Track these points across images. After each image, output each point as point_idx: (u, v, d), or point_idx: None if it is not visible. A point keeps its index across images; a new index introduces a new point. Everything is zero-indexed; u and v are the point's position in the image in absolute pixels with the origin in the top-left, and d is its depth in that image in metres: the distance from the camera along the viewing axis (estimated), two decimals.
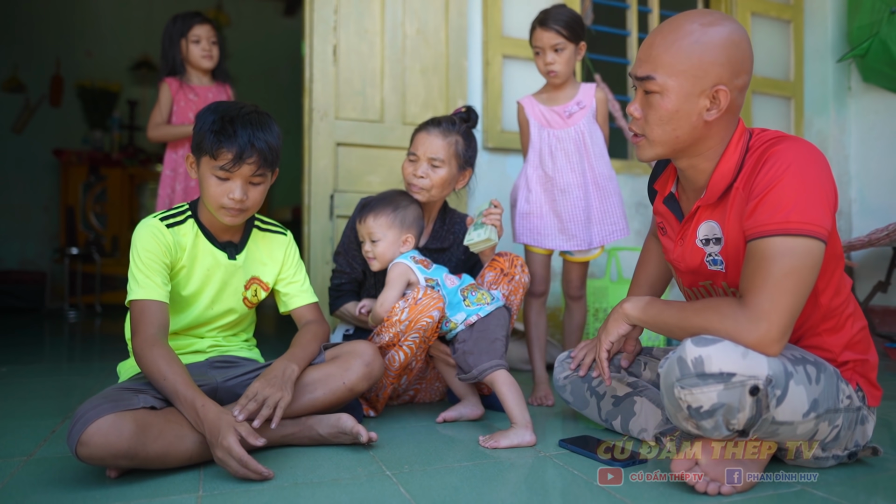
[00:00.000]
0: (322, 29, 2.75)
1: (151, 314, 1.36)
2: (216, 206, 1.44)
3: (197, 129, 1.44)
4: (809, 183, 1.11)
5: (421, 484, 1.19)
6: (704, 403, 1.08)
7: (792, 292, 1.08)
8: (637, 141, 1.30)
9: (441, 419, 1.69)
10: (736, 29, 1.19)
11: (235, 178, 1.42)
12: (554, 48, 2.02)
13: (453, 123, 1.86)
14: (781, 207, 1.10)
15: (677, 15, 1.24)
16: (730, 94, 1.18)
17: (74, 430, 1.13)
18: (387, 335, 1.65)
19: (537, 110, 2.12)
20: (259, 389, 1.30)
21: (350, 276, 1.93)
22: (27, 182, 5.94)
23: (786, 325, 1.08)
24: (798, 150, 1.15)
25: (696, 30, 1.17)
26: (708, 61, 1.17)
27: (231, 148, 1.38)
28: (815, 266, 1.10)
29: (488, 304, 1.66)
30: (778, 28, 3.78)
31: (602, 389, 1.56)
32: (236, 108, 1.44)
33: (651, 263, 1.63)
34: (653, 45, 1.21)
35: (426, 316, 1.59)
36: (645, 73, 1.22)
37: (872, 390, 1.28)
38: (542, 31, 2.02)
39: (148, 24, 6.48)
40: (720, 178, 1.24)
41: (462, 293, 1.69)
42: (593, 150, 2.07)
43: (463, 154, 1.85)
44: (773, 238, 1.10)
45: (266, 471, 1.18)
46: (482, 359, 1.58)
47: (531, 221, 2.10)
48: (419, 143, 1.83)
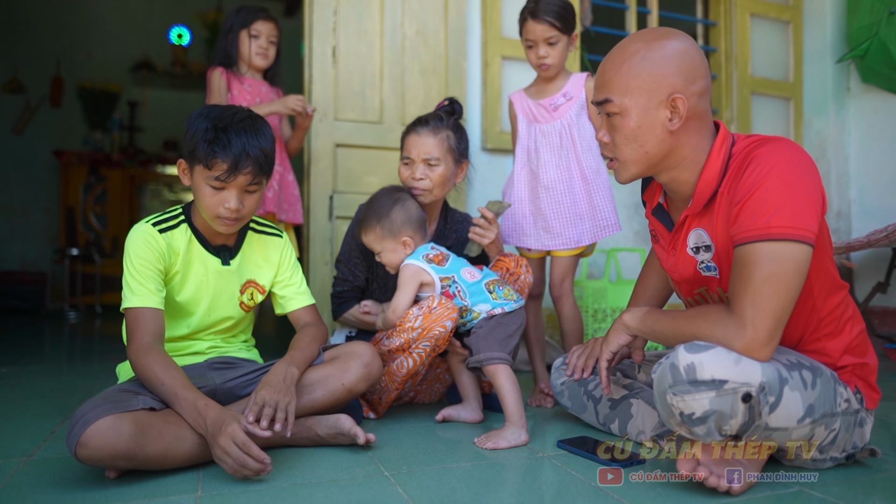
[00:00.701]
0: (321, 30, 2.75)
1: (146, 321, 1.36)
2: (212, 216, 1.43)
3: (189, 135, 1.40)
4: (793, 185, 1.11)
5: (419, 485, 1.19)
6: (696, 410, 1.08)
7: (774, 297, 1.08)
8: (611, 165, 1.33)
9: (440, 417, 1.70)
10: (681, 39, 1.22)
11: (231, 188, 1.39)
12: (547, 41, 1.97)
13: (441, 119, 1.83)
14: (763, 212, 1.10)
15: (623, 40, 1.28)
16: (687, 102, 1.19)
17: (74, 432, 1.13)
18: (397, 340, 1.64)
19: (526, 105, 2.09)
20: (267, 396, 1.28)
21: (352, 283, 1.91)
22: (27, 183, 5.94)
23: (771, 329, 1.08)
24: (781, 153, 1.15)
25: (642, 48, 1.21)
26: (657, 74, 1.19)
27: (226, 158, 1.36)
28: (799, 270, 1.09)
29: (514, 302, 1.65)
30: (777, 29, 3.79)
31: (599, 393, 1.57)
32: (229, 114, 1.41)
33: (651, 277, 1.63)
34: (605, 71, 1.26)
35: (440, 325, 1.58)
36: (602, 98, 1.25)
37: (871, 393, 1.28)
38: (534, 23, 1.96)
39: (148, 25, 6.49)
40: (705, 185, 1.24)
41: (487, 286, 1.66)
42: (580, 143, 2.01)
43: (456, 148, 1.84)
44: (756, 244, 1.10)
45: (266, 457, 1.17)
46: (493, 347, 1.58)
47: (514, 220, 2.08)
48: (411, 146, 1.81)
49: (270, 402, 1.27)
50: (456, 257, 1.74)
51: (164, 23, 6.55)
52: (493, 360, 1.56)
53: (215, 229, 1.47)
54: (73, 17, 6.23)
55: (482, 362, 1.57)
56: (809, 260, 1.10)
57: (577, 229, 2.00)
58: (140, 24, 6.47)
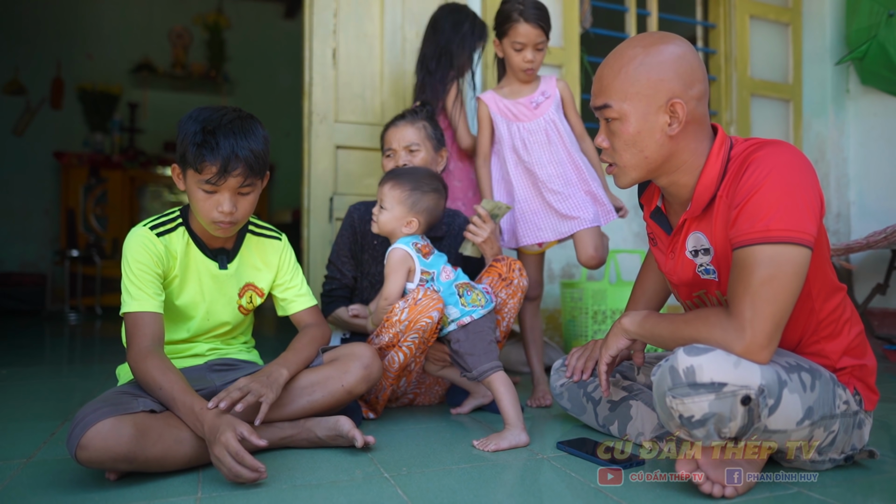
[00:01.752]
0: (322, 32, 2.76)
1: (144, 326, 1.36)
2: (207, 221, 1.42)
3: (179, 139, 1.39)
4: (791, 189, 1.11)
5: (419, 486, 1.19)
6: (696, 413, 1.08)
7: (773, 300, 1.08)
8: (611, 171, 1.33)
9: (465, 410, 1.82)
10: (678, 44, 1.22)
11: (223, 190, 1.38)
12: (537, 46, 2.00)
13: (415, 112, 1.97)
14: (762, 215, 1.11)
15: (620, 44, 1.28)
16: (686, 106, 1.20)
17: (74, 434, 1.13)
18: (386, 336, 1.65)
19: (502, 105, 2.08)
20: (242, 383, 1.31)
21: (341, 281, 1.95)
22: (28, 184, 5.95)
23: (770, 332, 1.08)
24: (779, 156, 1.15)
25: (640, 53, 1.21)
26: (656, 79, 1.20)
27: (214, 161, 1.34)
28: (797, 272, 1.09)
29: (482, 308, 1.66)
30: (777, 31, 3.79)
31: (598, 395, 1.57)
32: (218, 115, 1.38)
33: (649, 279, 1.63)
34: (603, 77, 1.26)
35: (426, 316, 1.59)
36: (601, 103, 1.26)
37: (870, 395, 1.28)
38: (527, 26, 1.97)
39: (148, 26, 6.50)
40: (703, 189, 1.24)
41: (458, 289, 1.67)
42: (567, 137, 2.04)
43: (433, 135, 1.97)
44: (755, 247, 1.10)
45: (261, 466, 1.17)
46: (483, 360, 1.59)
47: (526, 219, 2.05)
48: (392, 138, 1.95)
49: (244, 388, 1.29)
50: (439, 254, 1.74)
51: (164, 24, 6.57)
52: (488, 373, 1.57)
53: (212, 233, 1.47)
54: (73, 19, 6.24)
55: (477, 379, 1.59)
56: (808, 262, 1.11)
57: (591, 210, 2.00)
58: (140, 25, 6.48)
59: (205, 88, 6.74)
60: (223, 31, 6.79)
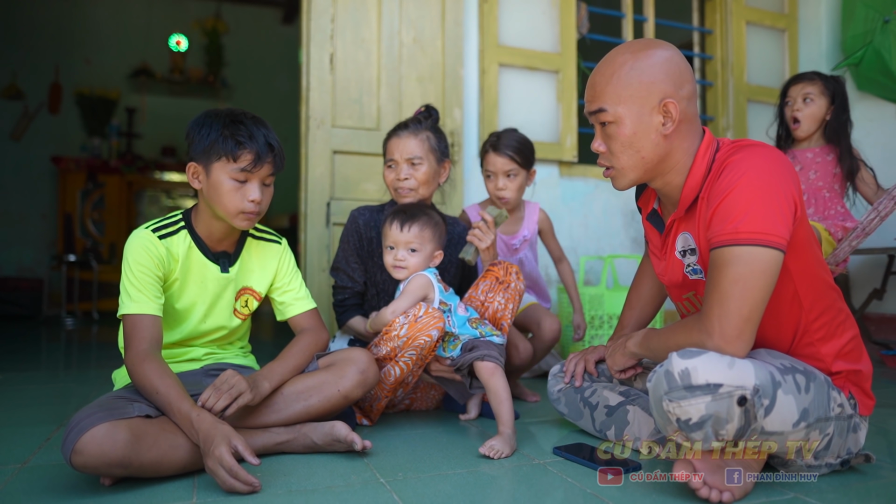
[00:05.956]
0: (319, 37, 2.76)
1: (143, 329, 1.36)
2: (234, 213, 1.43)
3: (201, 135, 1.41)
4: (761, 192, 1.13)
5: (415, 491, 1.19)
6: (693, 415, 1.08)
7: (741, 297, 1.11)
8: (609, 174, 1.36)
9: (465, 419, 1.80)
10: (665, 48, 1.27)
11: (254, 178, 1.43)
12: (507, 174, 2.16)
13: (419, 122, 1.92)
14: (731, 218, 1.14)
15: (609, 52, 1.32)
16: (679, 105, 1.23)
17: (69, 439, 1.13)
18: (384, 348, 1.64)
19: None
20: (229, 377, 1.33)
21: (352, 290, 1.90)
22: (25, 189, 5.94)
23: (739, 325, 1.11)
24: (755, 158, 1.18)
25: (629, 58, 1.26)
26: (647, 81, 1.24)
27: (252, 147, 1.40)
28: (766, 272, 1.11)
29: (498, 337, 1.68)
30: (773, 37, 3.81)
31: (595, 400, 1.57)
32: (236, 111, 1.44)
33: (645, 284, 1.67)
34: (595, 84, 1.30)
35: (425, 334, 1.58)
36: (596, 108, 1.29)
37: (865, 399, 1.29)
38: (495, 155, 2.15)
39: (147, 31, 6.51)
40: (689, 190, 1.28)
41: (471, 324, 1.69)
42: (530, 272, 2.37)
43: (437, 147, 1.92)
44: (725, 248, 1.14)
45: (255, 481, 1.17)
46: (490, 348, 1.61)
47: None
48: (394, 149, 1.89)
49: (227, 384, 1.31)
50: (452, 293, 1.77)
51: (162, 30, 6.58)
52: (491, 357, 1.58)
53: (235, 227, 1.48)
54: (71, 24, 6.25)
55: (483, 358, 1.59)
56: (779, 263, 1.13)
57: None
58: (138, 30, 6.49)
59: (203, 93, 6.75)
60: (221, 37, 6.81)
